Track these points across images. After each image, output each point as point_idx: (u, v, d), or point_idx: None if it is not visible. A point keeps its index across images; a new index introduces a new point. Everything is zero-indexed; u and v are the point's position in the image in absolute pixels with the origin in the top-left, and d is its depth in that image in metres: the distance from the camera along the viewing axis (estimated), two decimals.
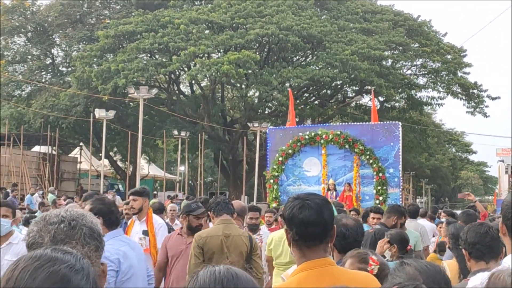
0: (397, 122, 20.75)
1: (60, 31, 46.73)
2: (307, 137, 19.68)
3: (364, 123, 22.93)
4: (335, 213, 4.52)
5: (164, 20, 39.74)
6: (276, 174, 19.81)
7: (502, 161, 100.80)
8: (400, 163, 19.37)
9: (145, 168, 48.36)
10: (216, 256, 6.34)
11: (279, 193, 19.75)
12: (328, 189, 18.71)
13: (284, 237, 3.31)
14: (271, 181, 19.93)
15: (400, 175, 19.48)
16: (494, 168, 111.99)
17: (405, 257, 6.29)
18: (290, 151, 19.78)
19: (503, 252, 3.67)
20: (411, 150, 55.84)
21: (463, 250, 4.22)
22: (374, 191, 18.93)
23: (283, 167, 19.91)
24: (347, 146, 19.30)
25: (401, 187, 20.44)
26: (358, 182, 19.18)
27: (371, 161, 18.98)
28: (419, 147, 55.59)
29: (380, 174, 18.84)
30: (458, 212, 18.99)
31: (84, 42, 45.11)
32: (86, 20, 46.72)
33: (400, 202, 18.66)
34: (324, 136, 19.45)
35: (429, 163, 72.86)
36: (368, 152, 18.98)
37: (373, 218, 9.06)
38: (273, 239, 7.85)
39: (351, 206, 16.88)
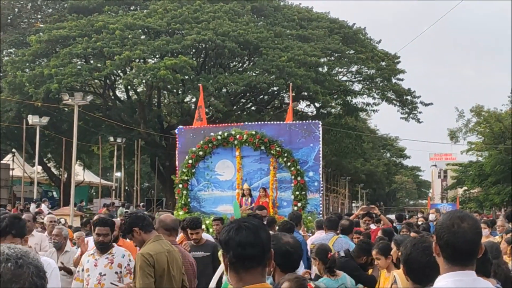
0: (317, 121, 19.09)
1: None
2: (219, 137, 17.82)
3: (281, 122, 20.87)
4: None
5: (98, 25, 39.22)
6: (186, 178, 18.00)
7: (435, 165, 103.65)
8: (321, 166, 18.02)
9: (80, 174, 47.58)
10: (165, 273, 6.18)
11: (189, 199, 18.03)
12: (243, 195, 17.03)
13: None
14: (180, 186, 18.07)
15: (321, 179, 18.12)
16: (427, 172, 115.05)
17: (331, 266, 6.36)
18: (201, 153, 17.95)
19: None
20: (346, 155, 56.73)
21: (401, 266, 4.21)
22: (292, 197, 17.24)
23: (194, 170, 18.11)
24: (262, 147, 17.52)
25: (322, 192, 18.94)
26: (275, 187, 17.48)
27: (288, 163, 17.25)
28: (354, 153, 56.49)
29: (299, 178, 17.15)
30: (392, 216, 19.01)
31: (15, 46, 44.13)
32: (17, 24, 45.70)
33: (320, 209, 17.87)
34: (238, 136, 17.66)
35: (364, 168, 74.21)
36: (285, 154, 17.26)
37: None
38: None
39: (268, 212, 15.60)
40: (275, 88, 44.05)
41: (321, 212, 17.77)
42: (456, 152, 76.42)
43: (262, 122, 22.14)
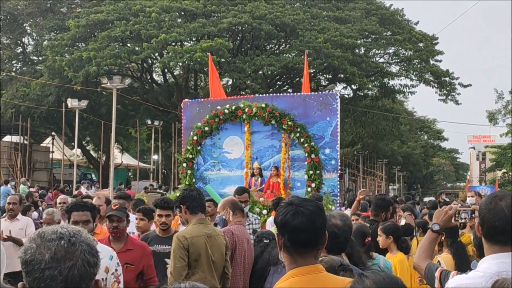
0: (334, 92, 17.08)
1: (31, 20, 46.16)
2: (226, 111, 16.15)
3: (295, 93, 18.65)
4: None
5: (135, 8, 39.43)
6: (191, 156, 16.44)
7: (473, 148, 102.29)
8: (338, 142, 15.96)
9: (118, 157, 48.11)
10: (202, 257, 6.04)
11: (194, 180, 16.47)
12: (253, 175, 15.74)
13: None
14: (184, 165, 16.49)
15: (338, 157, 16.00)
16: (465, 155, 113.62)
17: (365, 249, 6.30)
18: (206, 128, 16.30)
19: None
20: (383, 138, 56.33)
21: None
22: (306, 176, 15.52)
23: (199, 148, 16.49)
24: (273, 122, 15.82)
25: (339, 171, 16.98)
26: (287, 166, 15.76)
27: (302, 139, 15.56)
28: (391, 135, 56.05)
29: (313, 156, 15.38)
30: (432, 199, 18.78)
31: (55, 31, 44.63)
32: (57, 9, 46.20)
33: (338, 190, 16.03)
34: (246, 109, 15.95)
35: (401, 150, 73.58)
36: (298, 129, 15.56)
37: None
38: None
39: (278, 193, 14.77)
40: (311, 70, 43.81)
41: (338, 194, 16.13)
42: (495, 135, 75.21)
43: (274, 94, 20.15)
